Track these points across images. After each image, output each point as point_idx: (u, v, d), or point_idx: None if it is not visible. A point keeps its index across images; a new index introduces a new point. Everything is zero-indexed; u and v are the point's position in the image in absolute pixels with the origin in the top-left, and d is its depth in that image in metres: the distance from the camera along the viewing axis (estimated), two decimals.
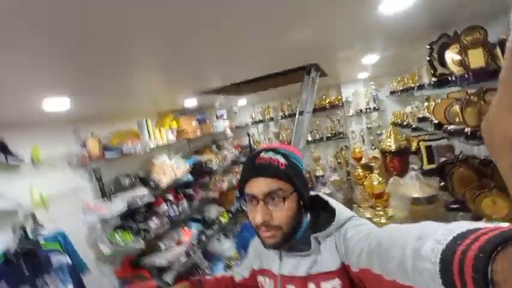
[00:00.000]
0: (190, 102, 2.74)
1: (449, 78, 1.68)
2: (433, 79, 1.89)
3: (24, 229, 1.71)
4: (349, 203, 3.32)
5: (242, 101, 3.94)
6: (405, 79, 3.36)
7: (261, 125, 4.67)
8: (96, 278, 2.07)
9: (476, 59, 1.50)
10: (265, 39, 1.24)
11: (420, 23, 1.51)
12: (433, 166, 2.61)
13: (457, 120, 1.79)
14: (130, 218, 2.26)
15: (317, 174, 4.06)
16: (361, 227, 0.68)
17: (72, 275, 1.76)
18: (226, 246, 3.37)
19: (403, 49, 2.21)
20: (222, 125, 3.73)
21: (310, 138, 4.22)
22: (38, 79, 1.12)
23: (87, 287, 1.90)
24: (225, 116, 3.89)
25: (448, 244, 0.39)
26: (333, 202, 0.77)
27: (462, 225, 0.41)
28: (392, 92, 3.74)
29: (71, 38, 0.83)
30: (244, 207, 0.77)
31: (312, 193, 0.81)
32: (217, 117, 3.82)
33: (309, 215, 0.79)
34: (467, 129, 1.65)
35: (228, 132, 3.79)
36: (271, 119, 4.42)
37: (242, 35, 1.13)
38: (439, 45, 1.77)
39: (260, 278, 0.88)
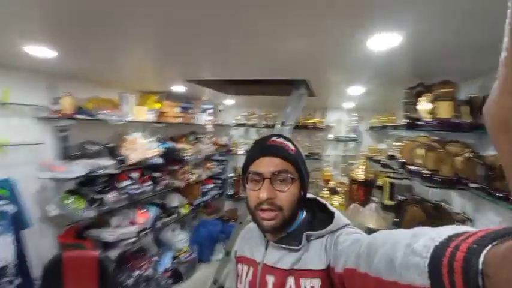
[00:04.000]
0: (177, 88, 2.74)
1: (419, 123, 1.82)
2: (406, 121, 2.03)
3: None
4: None
5: (229, 101, 3.97)
6: (386, 118, 3.57)
7: (242, 129, 4.71)
8: (36, 237, 1.98)
9: (445, 110, 1.64)
10: (261, 43, 1.29)
11: (402, 68, 1.64)
12: (392, 202, 2.76)
13: (418, 161, 1.92)
14: (88, 186, 2.19)
15: None
16: (355, 234, 0.69)
17: (13, 226, 1.68)
18: (180, 237, 3.33)
19: (385, 89, 2.35)
20: (204, 119, 3.74)
21: None
22: (24, 24, 1.10)
23: (26, 242, 1.82)
24: (210, 111, 3.90)
25: (442, 241, 0.38)
26: (330, 207, 0.79)
27: (461, 228, 0.40)
28: (371, 127, 3.94)
29: None
30: (246, 187, 0.78)
31: (309, 195, 0.83)
32: (202, 111, 3.82)
33: (304, 212, 0.80)
34: (426, 172, 1.78)
35: (209, 127, 3.80)
36: (254, 125, 4.47)
37: (239, 35, 1.17)
38: (416, 92, 1.92)
39: (239, 266, 0.87)
